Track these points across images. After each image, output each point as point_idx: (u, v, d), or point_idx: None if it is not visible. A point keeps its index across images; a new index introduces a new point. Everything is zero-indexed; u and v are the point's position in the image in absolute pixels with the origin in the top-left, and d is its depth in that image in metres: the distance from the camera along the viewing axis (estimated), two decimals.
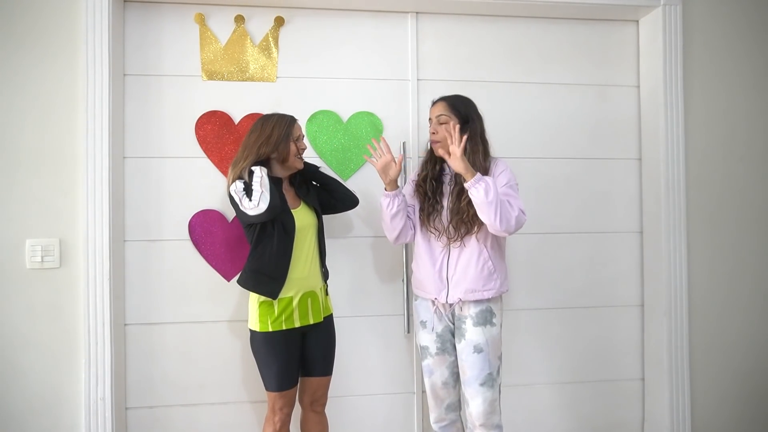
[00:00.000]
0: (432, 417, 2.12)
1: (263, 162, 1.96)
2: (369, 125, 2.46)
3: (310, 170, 2.15)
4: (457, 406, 2.12)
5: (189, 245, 2.35)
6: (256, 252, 1.97)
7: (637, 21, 2.65)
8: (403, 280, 2.46)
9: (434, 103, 2.08)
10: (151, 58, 2.35)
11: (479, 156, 1.97)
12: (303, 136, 2.06)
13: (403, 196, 2.07)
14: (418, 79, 2.51)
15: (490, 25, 2.56)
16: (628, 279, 2.65)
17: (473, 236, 1.98)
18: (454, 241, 1.99)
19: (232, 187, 1.91)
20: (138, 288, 2.33)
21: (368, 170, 2.47)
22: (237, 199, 1.89)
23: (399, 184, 2.46)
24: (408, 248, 2.45)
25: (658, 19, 2.51)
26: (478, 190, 1.84)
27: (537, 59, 2.59)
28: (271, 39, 2.43)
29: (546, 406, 2.59)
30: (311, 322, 2.01)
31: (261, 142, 1.96)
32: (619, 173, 2.64)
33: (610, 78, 2.64)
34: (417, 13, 2.51)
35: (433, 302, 2.05)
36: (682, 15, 2.51)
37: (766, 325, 2.63)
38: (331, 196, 2.17)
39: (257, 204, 1.84)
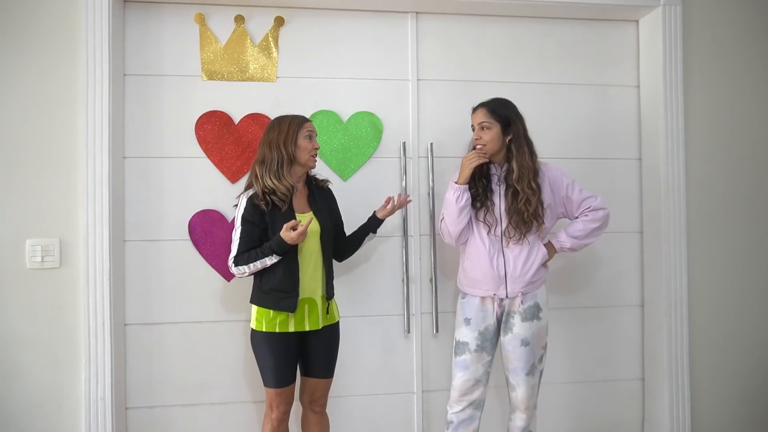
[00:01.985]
0: (453, 408, 2.11)
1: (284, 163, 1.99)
2: (369, 125, 2.47)
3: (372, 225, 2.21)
4: (482, 405, 2.13)
5: (189, 245, 2.35)
6: (268, 270, 1.98)
7: (637, 21, 2.65)
8: (403, 280, 2.46)
9: (474, 110, 2.13)
10: (151, 58, 2.35)
11: (525, 157, 2.05)
12: (315, 135, 2.07)
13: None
14: (418, 79, 2.51)
15: (490, 25, 2.56)
16: (628, 279, 2.65)
17: (534, 234, 2.08)
18: (517, 240, 2.07)
19: (243, 200, 2.00)
20: (138, 288, 2.33)
21: (368, 170, 2.47)
22: (234, 227, 2.01)
23: (402, 183, 2.47)
24: (408, 248, 2.45)
25: (658, 19, 2.51)
26: (573, 251, 2.18)
27: (537, 59, 2.59)
28: (271, 39, 2.43)
29: (546, 406, 2.59)
30: (307, 329, 2.00)
31: (278, 140, 1.98)
32: (619, 173, 2.64)
33: (610, 78, 2.64)
34: (417, 13, 2.51)
35: (483, 299, 2.10)
36: (682, 15, 2.51)
37: (766, 325, 2.63)
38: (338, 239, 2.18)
39: (237, 273, 1.99)
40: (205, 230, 2.35)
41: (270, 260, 1.93)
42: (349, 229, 2.23)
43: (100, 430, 2.17)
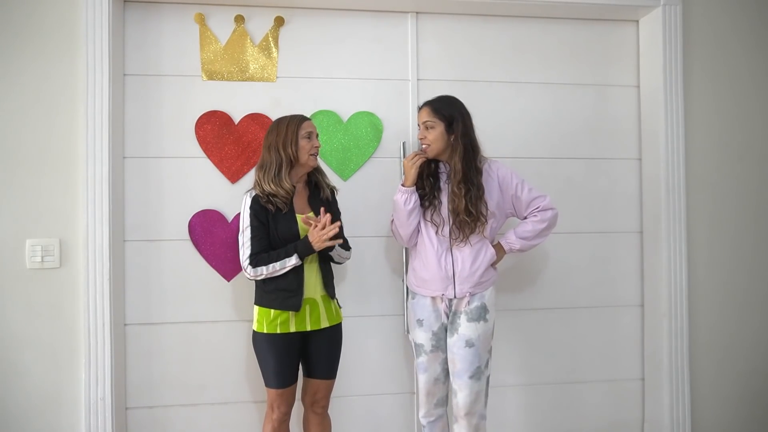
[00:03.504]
0: (421, 412, 2.15)
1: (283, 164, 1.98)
2: (369, 125, 2.46)
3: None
4: (445, 401, 2.15)
5: (189, 245, 2.35)
6: None
7: (637, 21, 2.65)
8: (402, 280, 2.46)
9: (419, 108, 2.11)
10: (151, 58, 2.35)
11: (459, 158, 2.00)
12: (316, 134, 2.06)
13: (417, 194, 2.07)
14: (418, 79, 2.51)
15: (490, 25, 2.56)
16: (628, 279, 2.65)
17: (479, 235, 2.05)
18: (460, 241, 2.04)
19: (246, 202, 2.00)
20: (138, 288, 2.33)
21: (368, 170, 2.47)
22: (241, 228, 2.00)
23: (400, 182, 2.47)
24: (408, 248, 2.45)
25: (658, 19, 2.51)
26: (522, 251, 2.15)
27: (537, 59, 2.59)
28: (271, 39, 2.43)
29: (546, 406, 2.59)
30: (308, 329, 2.00)
31: (278, 143, 1.99)
32: (619, 173, 2.64)
33: (610, 78, 2.64)
34: (417, 13, 2.51)
35: (433, 299, 2.08)
36: (682, 15, 2.51)
37: (766, 325, 2.63)
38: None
39: (253, 275, 1.95)
40: (205, 230, 2.35)
41: (290, 261, 1.92)
42: (349, 229, 2.23)
43: (100, 431, 2.17)
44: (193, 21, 2.38)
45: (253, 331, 2.03)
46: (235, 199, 2.33)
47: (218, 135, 2.37)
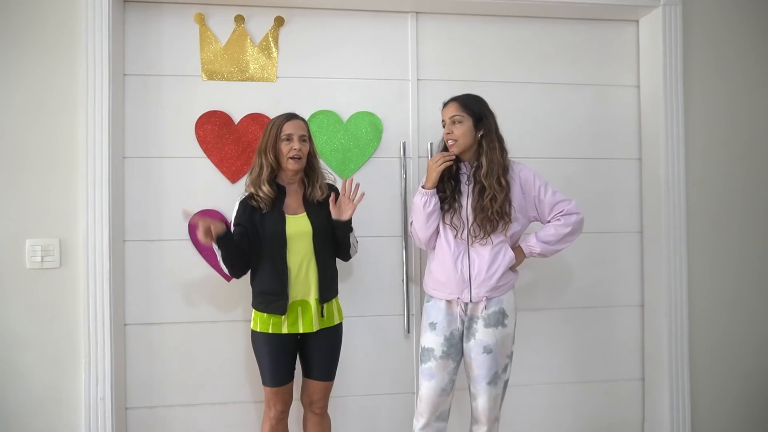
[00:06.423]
0: (419, 423, 2.04)
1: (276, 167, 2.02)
2: (369, 125, 2.46)
3: (345, 228, 2.04)
4: (447, 415, 2.07)
5: (189, 245, 2.35)
6: (258, 273, 2.01)
7: (637, 21, 2.65)
8: (403, 280, 2.46)
9: (446, 104, 2.07)
10: (151, 58, 2.35)
11: (496, 153, 1.99)
12: (298, 136, 1.99)
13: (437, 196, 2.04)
14: (418, 79, 2.51)
15: (490, 25, 2.56)
16: (628, 279, 2.65)
17: (500, 234, 2.00)
18: (480, 239, 1.99)
19: (236, 204, 2.04)
20: (138, 288, 2.33)
21: (368, 170, 2.47)
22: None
23: (401, 183, 2.47)
24: (408, 248, 2.45)
25: (658, 19, 2.52)
26: (544, 256, 2.09)
27: (537, 59, 2.59)
28: (271, 39, 2.43)
29: (546, 406, 2.60)
30: (301, 331, 1.99)
31: (261, 147, 2.02)
32: (619, 173, 2.64)
33: (610, 78, 2.64)
34: (417, 13, 2.51)
35: (449, 302, 2.03)
36: (682, 15, 2.51)
37: (767, 325, 2.63)
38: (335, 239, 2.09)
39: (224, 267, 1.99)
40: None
41: (216, 246, 1.93)
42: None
43: (100, 430, 2.17)
44: (193, 21, 2.38)
45: (251, 330, 2.04)
46: (235, 199, 2.33)
47: (218, 135, 2.37)
